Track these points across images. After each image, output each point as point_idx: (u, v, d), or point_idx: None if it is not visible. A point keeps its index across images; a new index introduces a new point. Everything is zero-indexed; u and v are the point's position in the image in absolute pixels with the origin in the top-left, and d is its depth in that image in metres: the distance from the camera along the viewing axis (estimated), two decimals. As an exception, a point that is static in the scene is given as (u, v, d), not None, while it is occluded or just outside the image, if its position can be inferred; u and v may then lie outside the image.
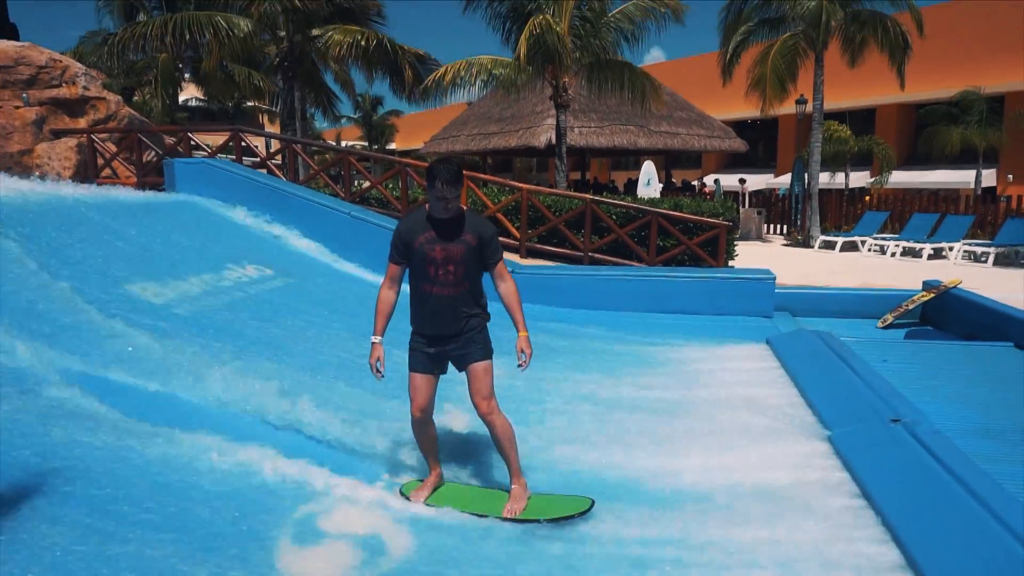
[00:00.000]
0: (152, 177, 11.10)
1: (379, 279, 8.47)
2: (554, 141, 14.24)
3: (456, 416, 4.40)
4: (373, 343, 3.38)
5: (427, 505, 3.46)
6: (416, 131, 42.91)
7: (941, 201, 17.09)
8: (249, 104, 30.77)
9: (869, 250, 15.24)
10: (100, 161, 11.43)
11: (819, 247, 15.89)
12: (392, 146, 43.68)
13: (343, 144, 35.88)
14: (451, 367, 3.52)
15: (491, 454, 3.91)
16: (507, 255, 9.76)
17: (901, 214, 16.95)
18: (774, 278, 8.20)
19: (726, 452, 4.07)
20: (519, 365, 3.40)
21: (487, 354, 3.44)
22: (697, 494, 3.60)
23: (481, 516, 3.36)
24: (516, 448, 3.46)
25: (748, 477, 3.76)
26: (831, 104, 25.45)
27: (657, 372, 5.80)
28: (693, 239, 9.78)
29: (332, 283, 8.17)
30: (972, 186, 20.41)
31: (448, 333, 3.38)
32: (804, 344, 6.15)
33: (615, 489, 3.66)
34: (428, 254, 3.28)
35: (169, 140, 12.55)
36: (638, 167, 17.79)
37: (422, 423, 3.46)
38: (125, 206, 8.20)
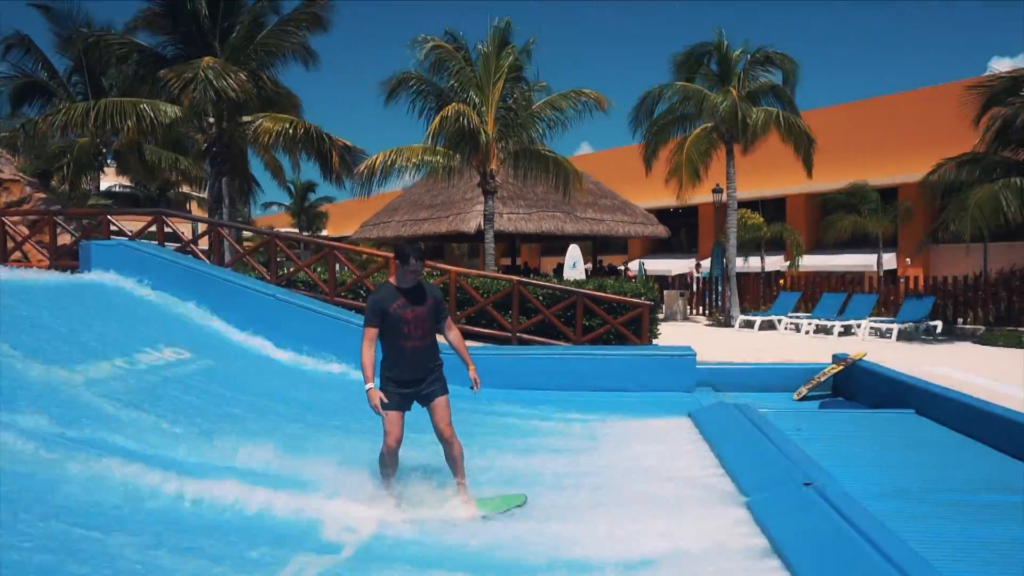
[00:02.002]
0: (66, 260, 10.72)
1: (302, 360, 8.29)
2: (483, 226, 14.57)
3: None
4: (369, 389, 4.12)
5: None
6: (348, 217, 43.05)
7: (848, 283, 18.18)
8: (177, 191, 30.41)
9: (785, 328, 15.95)
10: (11, 244, 10.99)
11: (739, 326, 16.53)
12: (324, 232, 43.58)
13: (275, 230, 35.59)
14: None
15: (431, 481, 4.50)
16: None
17: (813, 294, 17.92)
18: (695, 354, 8.46)
19: (646, 521, 4.08)
20: (472, 389, 4.40)
21: (446, 390, 4.39)
22: (616, 563, 3.58)
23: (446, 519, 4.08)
24: (464, 464, 4.32)
25: (667, 544, 3.76)
26: (745, 193, 27.15)
27: (578, 446, 5.83)
28: (617, 318, 10.03)
29: (251, 365, 7.96)
30: (875, 268, 21.85)
31: (418, 377, 4.30)
32: (724, 416, 6.32)
33: (516, 563, 3.60)
34: (402, 316, 4.20)
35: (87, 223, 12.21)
36: (564, 253, 18.35)
37: (394, 453, 4.26)
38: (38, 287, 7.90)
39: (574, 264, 16.42)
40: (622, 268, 26.60)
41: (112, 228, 11.74)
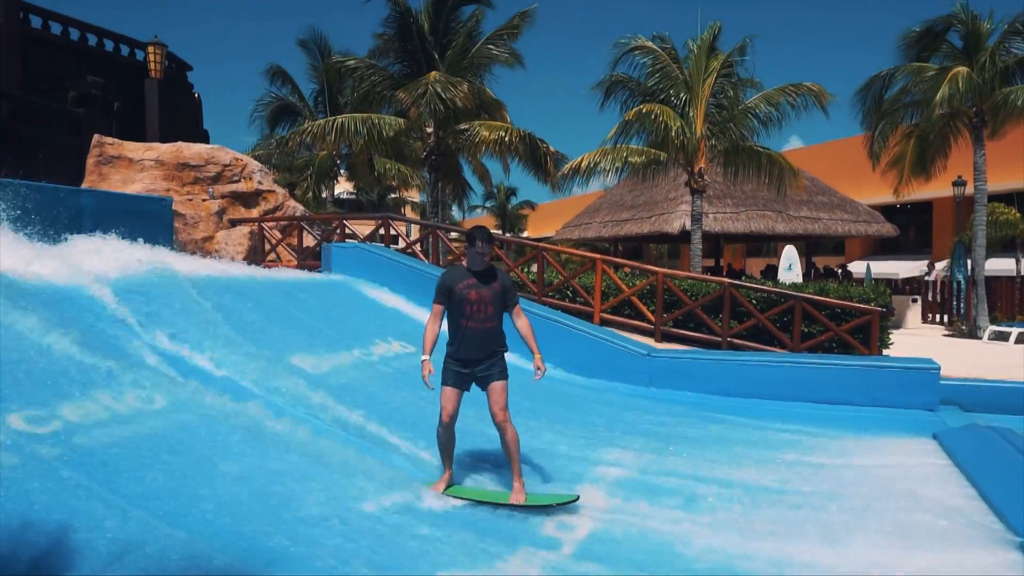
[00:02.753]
0: (310, 261, 12.11)
1: (518, 360, 8.63)
2: (688, 227, 14.16)
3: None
4: (424, 360, 4.28)
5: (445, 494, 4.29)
6: (548, 220, 44.12)
7: None
8: (393, 196, 33.15)
9: (1050, 342, 13.65)
10: (267, 246, 12.65)
11: (989, 337, 14.43)
12: (525, 234, 45.09)
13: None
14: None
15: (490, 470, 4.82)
16: (642, 339, 9.68)
17: (1087, 304, 15.16)
18: (938, 368, 7.53)
19: (903, 551, 3.69)
20: (536, 378, 4.36)
21: (504, 376, 4.43)
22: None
23: (492, 504, 4.21)
24: (519, 453, 4.35)
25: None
26: (996, 185, 23.68)
27: (809, 461, 5.42)
28: (842, 325, 9.22)
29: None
30: None
31: (477, 358, 4.37)
32: (980, 440, 5.55)
33: None
34: (466, 296, 4.32)
35: (326, 228, 13.71)
36: (774, 253, 17.22)
37: (449, 428, 4.37)
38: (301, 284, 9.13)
39: (790, 266, 15.37)
40: (838, 270, 24.42)
41: (347, 231, 13.11)
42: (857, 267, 28.68)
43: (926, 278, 20.85)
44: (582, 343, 8.93)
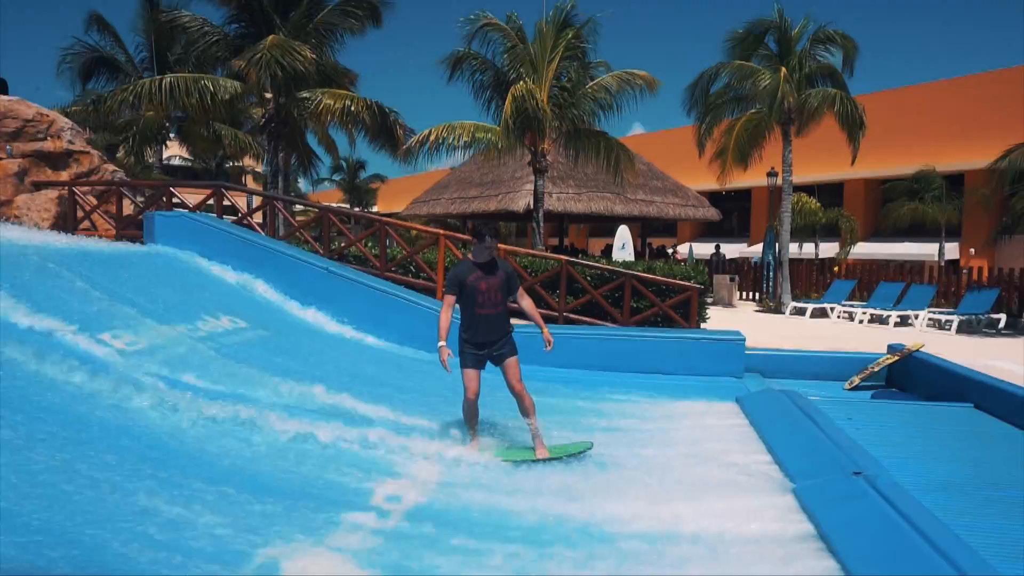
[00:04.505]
0: (130, 231, 11.13)
1: (349, 331, 8.53)
2: (532, 206, 14.56)
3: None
4: (441, 346, 4.77)
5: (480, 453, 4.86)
6: (398, 195, 43.47)
7: (907, 272, 17.59)
8: (232, 164, 31.17)
9: (838, 317, 15.56)
10: (80, 214, 11.46)
11: (790, 313, 16.20)
12: (374, 209, 44.13)
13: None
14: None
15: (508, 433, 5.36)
16: (483, 313, 9.90)
17: (868, 283, 17.39)
18: (744, 339, 8.36)
19: (690, 502, 4.10)
20: (546, 350, 5.12)
21: (515, 352, 5.04)
22: (658, 538, 3.60)
23: (520, 461, 4.79)
24: (536, 416, 4.98)
25: (712, 526, 3.78)
26: (803, 177, 26.42)
27: (623, 426, 5.86)
28: (666, 301, 9.95)
29: (303, 335, 8.18)
30: (936, 258, 21.08)
31: (491, 340, 4.94)
32: (772, 402, 6.26)
33: (557, 534, 3.67)
34: (476, 287, 4.88)
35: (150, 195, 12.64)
36: (615, 234, 18.18)
37: (474, 404, 4.97)
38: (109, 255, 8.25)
39: (623, 245, 16.29)
40: (670, 251, 26.25)
41: (174, 200, 12.17)
42: (686, 249, 30.97)
43: (750, 260, 22.92)
44: (424, 317, 8.96)
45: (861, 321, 14.74)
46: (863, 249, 25.42)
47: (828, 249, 24.23)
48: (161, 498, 3.45)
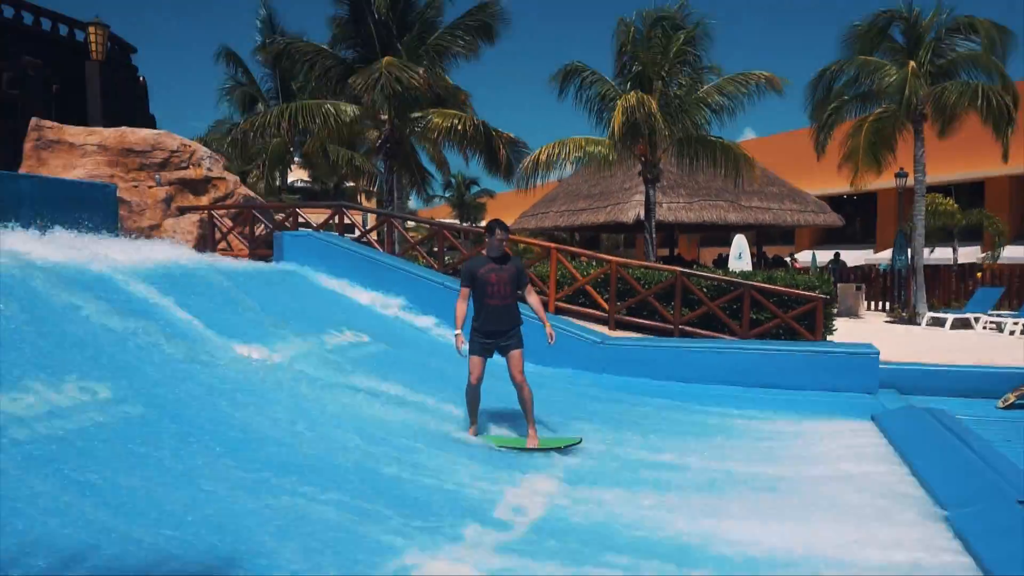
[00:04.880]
0: (262, 250, 11.90)
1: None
2: (642, 216, 14.33)
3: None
4: (456, 334, 5.24)
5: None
6: (507, 208, 44.04)
7: (1064, 278, 15.90)
8: (349, 184, 32.73)
9: (984, 327, 14.25)
10: (218, 235, 12.38)
11: (927, 324, 15.01)
12: (483, 223, 45.10)
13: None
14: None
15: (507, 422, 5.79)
16: (596, 327, 9.80)
17: (1019, 290, 15.86)
18: (877, 353, 7.82)
19: (833, 527, 3.84)
20: (550, 343, 5.30)
21: (521, 346, 5.35)
22: (800, 564, 3.40)
23: (512, 448, 5.18)
24: (533, 407, 5.33)
25: (858, 554, 3.52)
26: (935, 177, 24.54)
27: (752, 445, 5.59)
28: (788, 312, 9.48)
29: (423, 347, 8.40)
30: (1100, 261, 18.97)
31: (499, 331, 5.28)
32: (914, 421, 5.80)
33: (700, 556, 3.52)
34: (487, 279, 5.22)
35: (278, 216, 13.49)
36: (728, 244, 17.56)
37: (476, 389, 5.30)
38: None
39: (740, 255, 15.71)
40: (788, 259, 25.06)
41: (300, 220, 12.92)
42: (808, 256, 29.49)
43: (877, 267, 21.53)
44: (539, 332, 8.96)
45: (1012, 332, 13.42)
46: (1012, 253, 23.26)
47: (968, 254, 22.35)
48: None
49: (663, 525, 3.90)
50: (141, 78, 17.28)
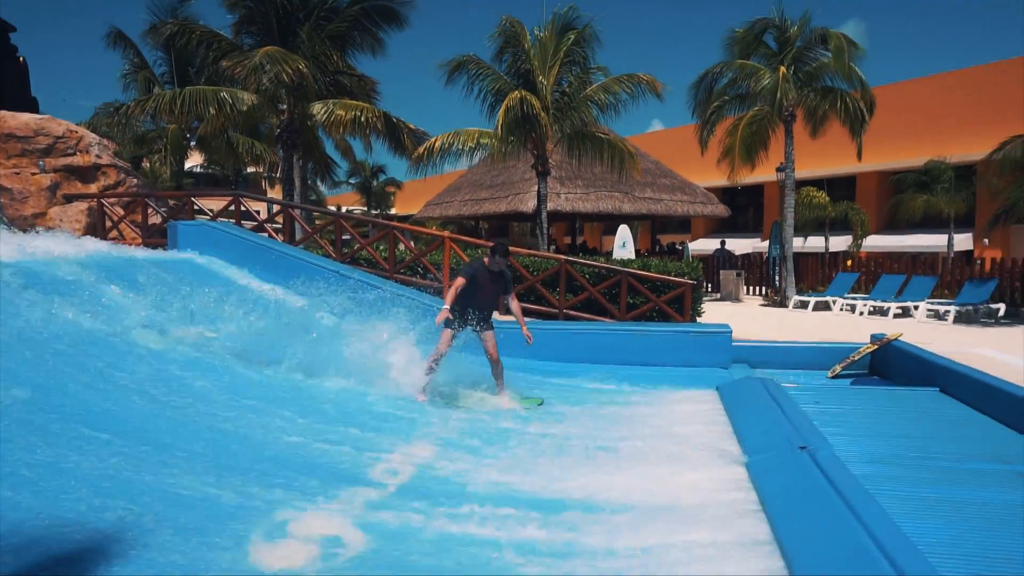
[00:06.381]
0: (155, 239, 11.83)
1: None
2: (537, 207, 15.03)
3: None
4: (444, 308, 6.34)
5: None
6: (415, 197, 44.20)
7: (921, 264, 17.72)
8: (251, 171, 32.03)
9: (841, 309, 15.84)
10: (108, 223, 12.18)
11: (793, 307, 16.51)
12: (393, 211, 44.92)
13: (343, 209, 36.96)
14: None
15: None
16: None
17: (875, 276, 17.62)
18: (730, 331, 8.77)
19: (654, 475, 4.57)
20: (527, 344, 6.77)
21: (492, 328, 6.70)
22: (619, 508, 4.08)
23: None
24: (503, 376, 6.72)
25: (669, 495, 4.24)
26: (813, 171, 26.57)
27: (608, 413, 6.34)
28: (660, 297, 10.38)
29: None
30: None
31: (474, 320, 6.58)
32: (745, 389, 6.68)
33: (557, 503, 4.17)
34: (481, 283, 6.59)
35: (173, 203, 13.35)
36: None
37: (441, 356, 6.49)
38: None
39: (624, 244, 16.72)
40: (679, 247, 26.57)
41: (195, 208, 12.86)
42: (704, 244, 31.23)
43: (764, 255, 23.16)
44: (420, 311, 9.45)
45: (862, 313, 15.03)
46: (877, 242, 25.55)
47: (841, 243, 24.42)
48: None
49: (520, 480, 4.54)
50: (21, 58, 16.48)
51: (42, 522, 3.19)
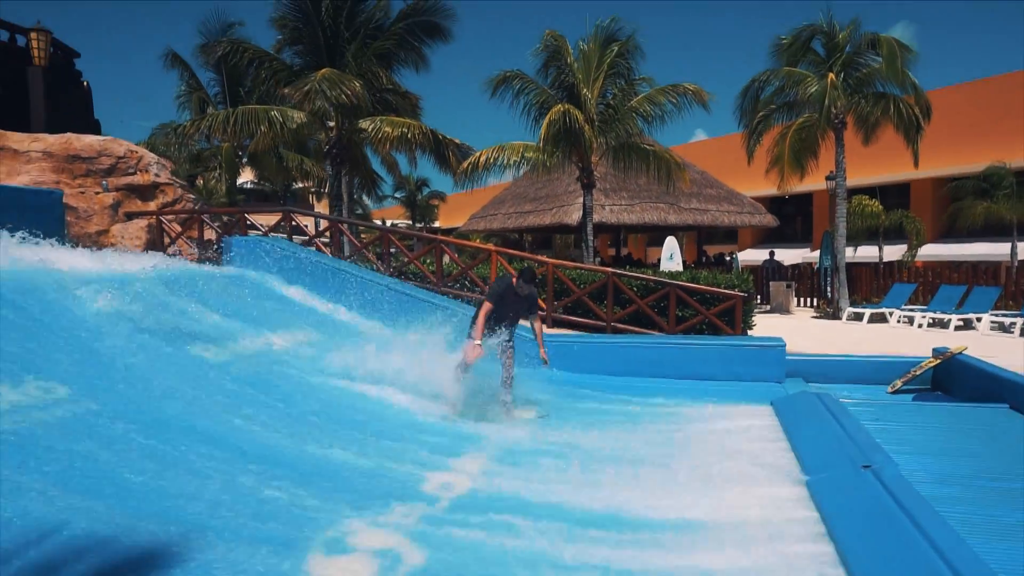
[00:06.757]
0: (211, 254, 12.16)
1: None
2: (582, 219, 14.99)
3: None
4: (477, 344, 6.41)
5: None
6: (458, 210, 44.58)
7: (982, 274, 17.06)
8: (299, 186, 32.74)
9: (898, 321, 15.35)
10: (167, 240, 12.59)
11: (847, 319, 16.06)
12: (436, 224, 45.37)
13: (388, 223, 37.49)
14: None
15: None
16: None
17: (933, 286, 17.02)
18: (784, 345, 8.58)
19: (711, 493, 4.48)
20: (544, 367, 7.15)
21: (512, 345, 6.79)
22: (679, 526, 4.02)
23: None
24: (511, 387, 6.78)
25: (728, 514, 4.16)
26: (864, 179, 25.90)
27: (656, 428, 6.25)
28: (711, 309, 10.23)
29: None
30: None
31: (503, 336, 6.71)
32: (802, 404, 6.52)
33: (613, 519, 4.12)
34: (510, 303, 6.71)
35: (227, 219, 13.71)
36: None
37: (468, 368, 6.57)
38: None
39: (671, 256, 16.52)
40: (728, 258, 26.15)
41: (249, 223, 13.20)
42: (751, 255, 30.72)
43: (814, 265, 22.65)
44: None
45: (920, 325, 14.53)
46: (934, 251, 24.73)
47: (895, 252, 23.71)
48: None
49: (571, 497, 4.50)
50: (85, 83, 17.23)
51: (113, 525, 3.30)
